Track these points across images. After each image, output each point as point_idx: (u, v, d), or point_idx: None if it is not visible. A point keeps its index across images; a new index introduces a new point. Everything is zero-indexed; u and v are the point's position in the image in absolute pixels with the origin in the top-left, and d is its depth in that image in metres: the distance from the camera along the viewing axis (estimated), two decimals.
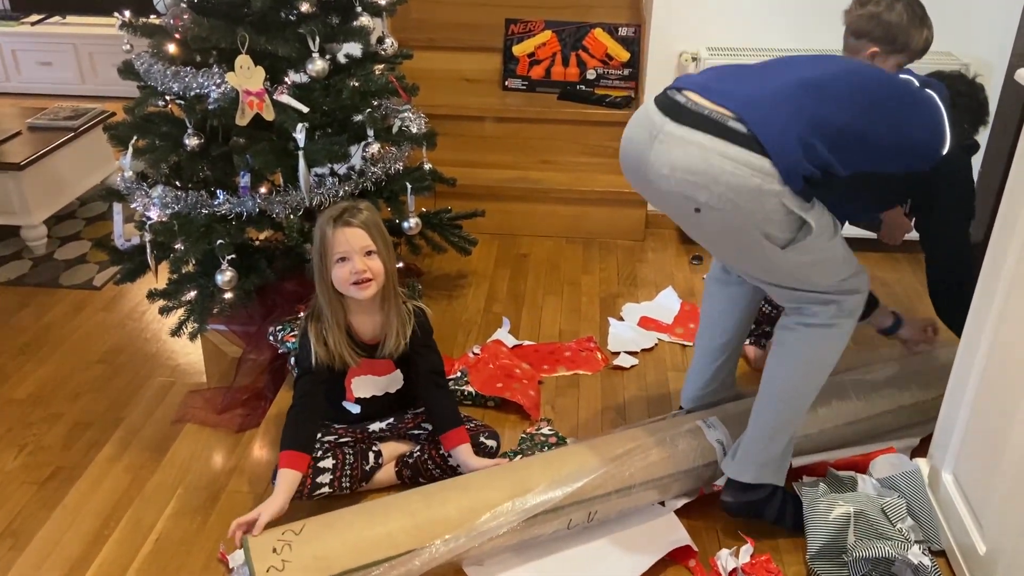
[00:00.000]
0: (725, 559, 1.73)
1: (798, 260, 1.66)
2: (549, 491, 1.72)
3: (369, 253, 1.77)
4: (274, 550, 1.59)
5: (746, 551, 1.75)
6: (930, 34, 2.13)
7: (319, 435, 1.89)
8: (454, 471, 1.89)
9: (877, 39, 2.13)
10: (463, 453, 1.86)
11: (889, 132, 1.66)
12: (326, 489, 1.83)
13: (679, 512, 1.84)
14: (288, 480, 1.74)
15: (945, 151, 1.73)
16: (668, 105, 1.61)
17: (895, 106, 1.69)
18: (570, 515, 1.74)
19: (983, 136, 2.04)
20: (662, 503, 1.86)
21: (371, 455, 1.91)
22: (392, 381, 1.94)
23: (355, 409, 1.94)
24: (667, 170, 1.57)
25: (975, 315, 1.68)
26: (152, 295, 2.31)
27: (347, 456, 1.88)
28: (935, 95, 1.76)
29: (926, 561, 1.60)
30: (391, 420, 1.98)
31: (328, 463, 1.85)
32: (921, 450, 1.95)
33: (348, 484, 1.86)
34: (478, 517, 1.67)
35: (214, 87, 2.08)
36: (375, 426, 1.97)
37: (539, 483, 1.73)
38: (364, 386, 1.92)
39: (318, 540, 1.62)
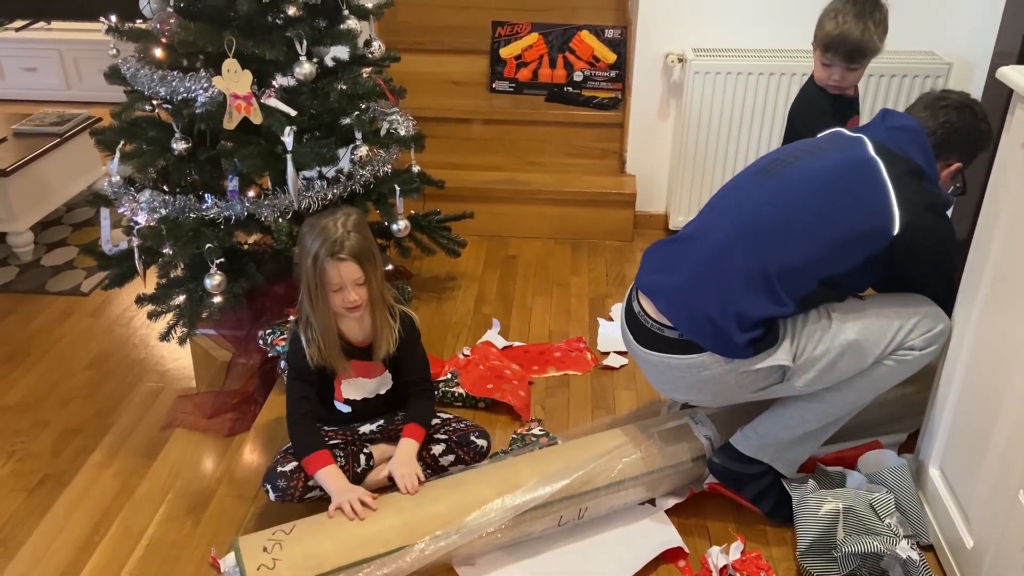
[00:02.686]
0: (716, 556, 1.74)
1: (814, 376, 1.67)
2: (538, 487, 1.72)
3: (360, 284, 1.78)
4: (264, 549, 1.59)
5: (736, 548, 1.76)
6: (844, 28, 2.01)
7: None
8: (444, 471, 1.89)
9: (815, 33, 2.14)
10: (405, 443, 1.84)
11: (830, 239, 1.63)
12: (318, 492, 1.83)
13: (669, 511, 1.85)
14: (331, 474, 1.75)
15: (896, 229, 1.62)
16: (631, 319, 1.78)
17: (829, 210, 1.64)
18: (560, 512, 1.74)
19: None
20: (652, 502, 1.87)
21: (362, 457, 1.90)
22: (382, 383, 1.94)
23: (345, 409, 1.94)
24: (653, 382, 1.82)
25: (960, 312, 1.70)
26: (140, 300, 2.30)
27: (338, 459, 1.87)
28: (880, 166, 1.64)
29: (914, 556, 1.61)
30: (381, 421, 1.98)
31: None
32: (908, 446, 1.96)
33: None
34: (468, 514, 1.68)
35: (201, 91, 2.08)
36: (365, 428, 1.97)
37: (528, 479, 1.74)
38: (354, 388, 1.92)
39: (309, 539, 1.62)
